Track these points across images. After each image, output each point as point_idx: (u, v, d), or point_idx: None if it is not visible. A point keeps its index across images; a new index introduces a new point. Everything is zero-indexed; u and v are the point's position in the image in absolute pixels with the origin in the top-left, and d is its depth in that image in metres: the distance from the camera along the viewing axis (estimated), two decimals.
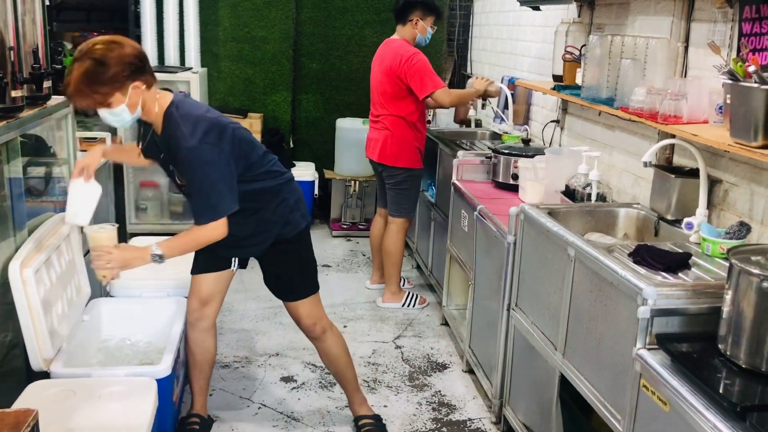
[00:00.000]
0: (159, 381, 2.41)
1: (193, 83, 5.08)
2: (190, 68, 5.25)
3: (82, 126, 4.81)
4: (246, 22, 5.54)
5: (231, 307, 4.10)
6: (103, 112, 2.28)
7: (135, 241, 3.70)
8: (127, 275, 3.23)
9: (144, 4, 5.22)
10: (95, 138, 4.12)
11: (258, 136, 5.40)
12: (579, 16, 3.51)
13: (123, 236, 4.47)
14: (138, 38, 5.35)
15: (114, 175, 4.15)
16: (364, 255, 5.12)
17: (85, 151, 3.90)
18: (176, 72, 5.12)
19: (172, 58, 5.31)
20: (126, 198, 5.08)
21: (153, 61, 5.30)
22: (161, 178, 5.30)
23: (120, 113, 2.29)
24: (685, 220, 2.40)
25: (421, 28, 4.01)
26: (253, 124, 5.39)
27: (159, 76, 5.31)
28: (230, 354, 3.57)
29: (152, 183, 5.28)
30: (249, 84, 5.64)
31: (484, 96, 4.20)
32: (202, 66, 5.42)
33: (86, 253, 2.70)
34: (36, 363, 2.35)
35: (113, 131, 4.78)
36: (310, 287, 2.75)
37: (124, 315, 2.95)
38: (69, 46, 4.82)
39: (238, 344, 3.68)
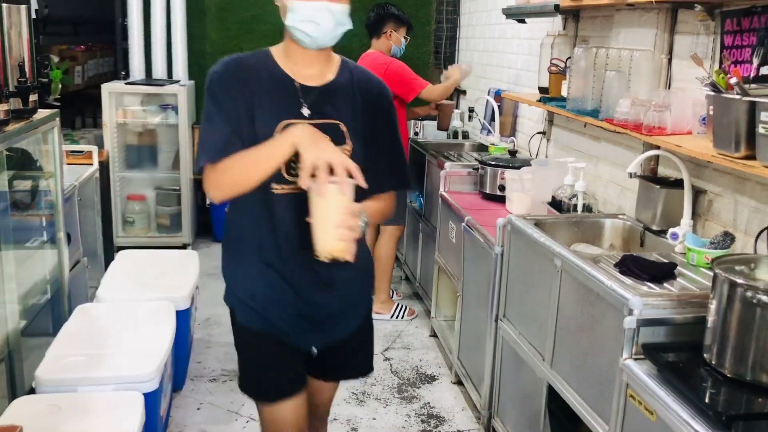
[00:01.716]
0: (146, 395, 2.40)
1: (181, 96, 5.08)
2: (177, 81, 5.25)
3: (68, 139, 4.80)
4: (234, 35, 5.55)
5: (219, 320, 4.08)
6: (336, 6, 1.68)
7: (123, 255, 3.69)
8: (116, 284, 3.24)
9: (131, 18, 5.23)
10: (81, 151, 4.11)
11: None
12: (564, 29, 3.54)
13: (111, 250, 4.45)
14: (125, 51, 5.35)
15: (101, 188, 4.14)
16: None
17: (72, 164, 3.90)
18: (164, 85, 5.11)
19: (159, 71, 5.31)
20: (113, 211, 5.07)
21: (140, 74, 5.30)
22: (148, 192, 5.30)
23: (347, 14, 1.73)
24: (670, 230, 2.42)
25: (396, 39, 4.16)
26: None
27: (146, 89, 5.34)
28: (218, 368, 3.55)
29: (139, 196, 5.27)
30: None
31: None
32: (190, 79, 5.42)
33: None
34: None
35: (100, 144, 4.77)
36: None
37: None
38: (56, 59, 4.80)
39: (227, 357, 3.66)
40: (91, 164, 3.99)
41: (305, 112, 1.72)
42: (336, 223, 1.51)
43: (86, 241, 3.82)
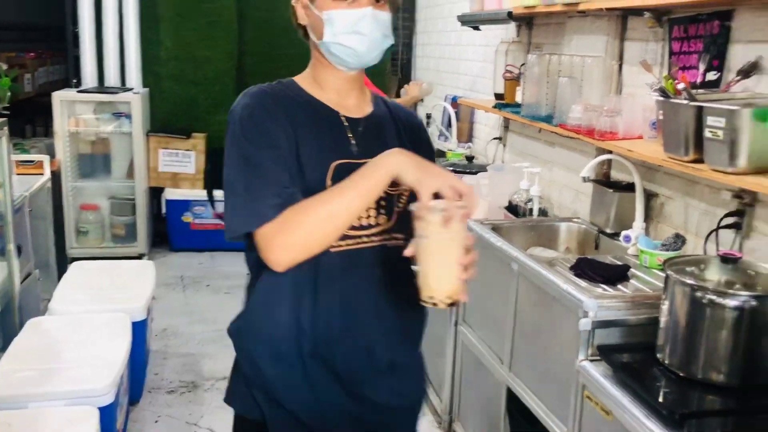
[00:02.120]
0: (101, 409, 2.34)
1: (135, 103, 5.00)
2: (131, 89, 5.17)
3: (19, 149, 4.69)
4: (188, 41, 5.48)
5: (176, 330, 4.02)
6: (382, 14, 1.39)
7: (77, 266, 3.61)
8: (69, 296, 3.16)
9: (82, 24, 5.13)
10: (32, 161, 4.02)
11: (202, 156, 5.35)
12: (518, 36, 3.59)
13: (64, 261, 4.36)
14: (76, 59, 5.25)
15: (53, 198, 4.06)
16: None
17: (23, 174, 3.81)
18: (117, 93, 5.03)
19: (112, 78, 5.22)
20: (66, 221, 4.96)
21: (93, 81, 5.21)
22: (102, 201, 5.20)
23: (390, 27, 1.43)
24: (623, 233, 2.46)
25: None
26: (196, 145, 5.33)
27: (99, 96, 5.24)
28: (176, 379, 3.50)
29: (93, 206, 5.17)
30: (192, 104, 5.57)
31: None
32: (144, 86, 5.34)
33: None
34: None
35: (52, 153, 4.67)
36: None
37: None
38: (4, 66, 4.69)
39: (184, 369, 3.60)
40: (42, 174, 3.90)
41: (353, 149, 1.42)
42: (459, 258, 1.27)
43: (38, 252, 3.73)
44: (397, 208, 1.42)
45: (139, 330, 3.09)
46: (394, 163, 1.28)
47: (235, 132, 1.36)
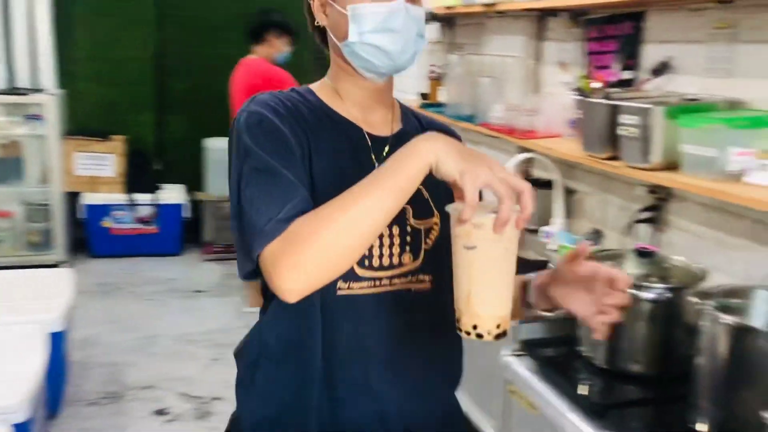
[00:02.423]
0: (15, 426, 2.24)
1: (48, 105, 4.81)
2: (42, 90, 4.98)
3: None
4: (105, 41, 5.32)
5: (98, 340, 3.89)
6: (416, 9, 1.15)
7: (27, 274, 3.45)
8: None
9: None
10: None
11: (121, 159, 5.20)
12: (441, 36, 3.62)
13: None
14: None
15: None
16: (239, 279, 5.01)
17: None
18: (28, 94, 4.84)
19: (23, 79, 5.00)
20: None
21: (2, 82, 4.98)
22: (15, 207, 4.98)
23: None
24: (544, 228, 2.51)
25: (277, 47, 4.06)
26: (116, 147, 5.18)
27: (9, 99, 5.02)
28: (99, 390, 3.38)
29: (5, 213, 4.94)
30: (110, 105, 5.41)
31: None
32: (60, 87, 5.14)
33: None
34: None
35: None
36: None
37: None
38: None
39: (107, 378, 3.48)
40: None
41: None
42: (512, 275, 1.00)
43: None
44: (425, 245, 1.19)
45: (57, 341, 2.97)
46: (431, 151, 0.99)
47: (239, 141, 1.12)
